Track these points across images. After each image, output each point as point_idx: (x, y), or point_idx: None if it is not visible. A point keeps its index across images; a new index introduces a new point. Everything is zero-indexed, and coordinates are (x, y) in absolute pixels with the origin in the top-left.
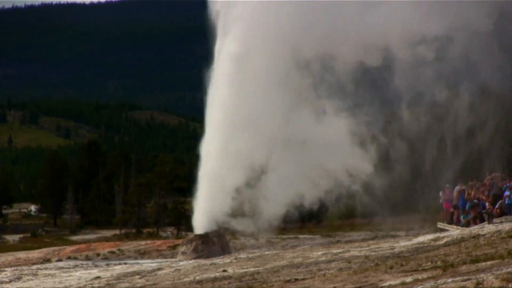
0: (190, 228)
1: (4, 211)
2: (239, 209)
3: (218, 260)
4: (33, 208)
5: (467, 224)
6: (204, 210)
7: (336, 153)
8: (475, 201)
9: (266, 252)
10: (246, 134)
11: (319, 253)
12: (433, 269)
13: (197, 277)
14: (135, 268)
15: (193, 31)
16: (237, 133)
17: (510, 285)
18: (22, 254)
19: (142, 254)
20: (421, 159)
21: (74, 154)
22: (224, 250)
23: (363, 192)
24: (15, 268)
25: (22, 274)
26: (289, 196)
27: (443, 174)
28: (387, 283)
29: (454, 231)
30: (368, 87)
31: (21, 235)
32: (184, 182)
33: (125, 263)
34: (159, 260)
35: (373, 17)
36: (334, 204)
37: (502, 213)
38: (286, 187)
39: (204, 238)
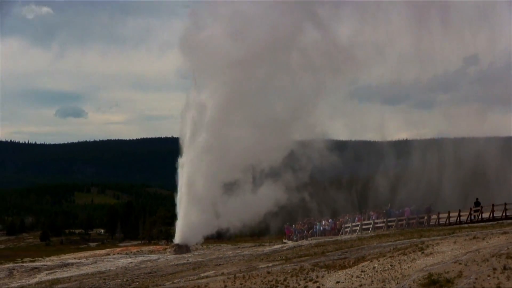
0: (172, 241)
1: (89, 232)
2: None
3: (185, 255)
4: (102, 231)
5: (297, 240)
6: (179, 234)
7: None
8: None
9: (207, 252)
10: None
11: (230, 253)
12: (281, 260)
13: (176, 262)
14: (147, 258)
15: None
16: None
17: (318, 268)
18: (96, 251)
19: (151, 252)
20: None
21: (121, 207)
22: (188, 251)
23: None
24: (93, 258)
25: (97, 260)
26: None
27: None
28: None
29: (291, 244)
30: None
31: (96, 243)
32: (170, 220)
33: (143, 256)
34: (158, 255)
35: None
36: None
37: (312, 235)
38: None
39: (179, 245)
